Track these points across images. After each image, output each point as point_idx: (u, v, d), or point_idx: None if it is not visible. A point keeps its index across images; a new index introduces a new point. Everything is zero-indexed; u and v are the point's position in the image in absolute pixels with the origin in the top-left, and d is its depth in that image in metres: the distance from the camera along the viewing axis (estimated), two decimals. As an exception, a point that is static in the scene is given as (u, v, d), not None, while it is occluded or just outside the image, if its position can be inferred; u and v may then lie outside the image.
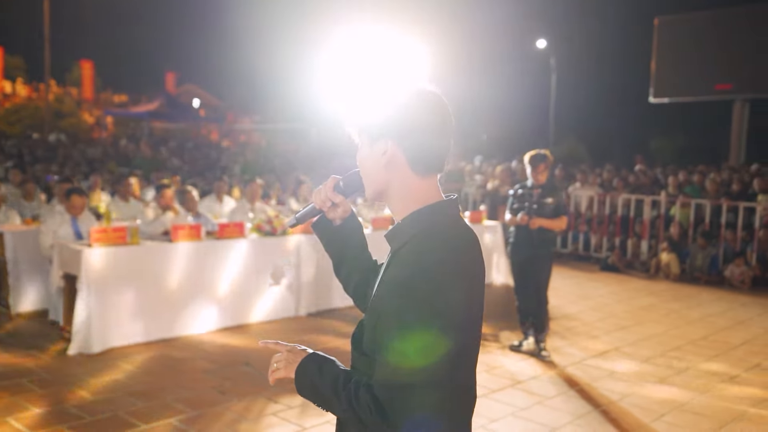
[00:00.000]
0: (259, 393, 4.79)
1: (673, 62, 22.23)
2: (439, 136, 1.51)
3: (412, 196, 1.53)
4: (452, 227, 1.52)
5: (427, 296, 1.38)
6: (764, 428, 4.42)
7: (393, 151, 1.51)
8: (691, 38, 21.84)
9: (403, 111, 1.49)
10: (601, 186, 12.47)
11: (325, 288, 7.29)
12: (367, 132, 1.55)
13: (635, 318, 7.43)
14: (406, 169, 1.52)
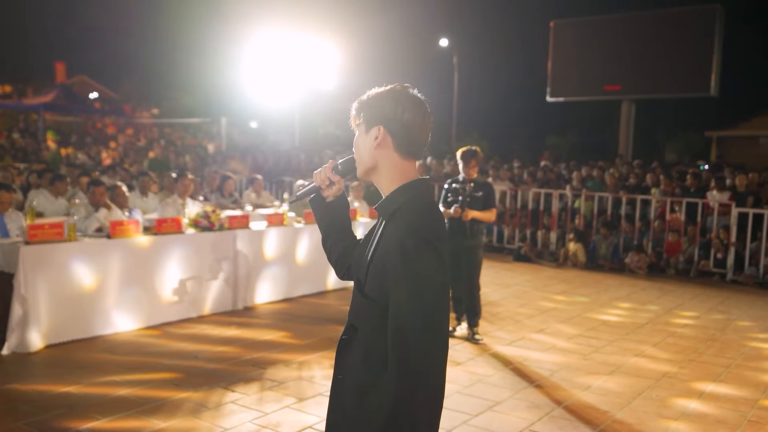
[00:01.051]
0: (215, 383, 4.90)
1: (568, 64, 23.26)
2: (419, 130, 1.87)
3: (397, 174, 1.87)
4: (428, 199, 1.88)
5: (428, 238, 1.73)
6: (672, 391, 4.98)
7: (383, 136, 1.85)
8: (584, 41, 22.94)
9: (395, 106, 1.85)
10: (511, 181, 13.17)
11: (261, 281, 7.41)
12: (366, 120, 1.89)
13: (552, 303, 8.01)
14: (392, 151, 1.86)
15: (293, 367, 5.35)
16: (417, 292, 1.69)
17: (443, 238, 1.81)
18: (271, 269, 7.54)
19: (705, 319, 7.46)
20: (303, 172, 14.80)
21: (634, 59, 22.01)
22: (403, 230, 1.74)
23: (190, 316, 6.70)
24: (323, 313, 7.20)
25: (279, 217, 7.72)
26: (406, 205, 1.81)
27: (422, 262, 1.70)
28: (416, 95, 1.89)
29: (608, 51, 22.36)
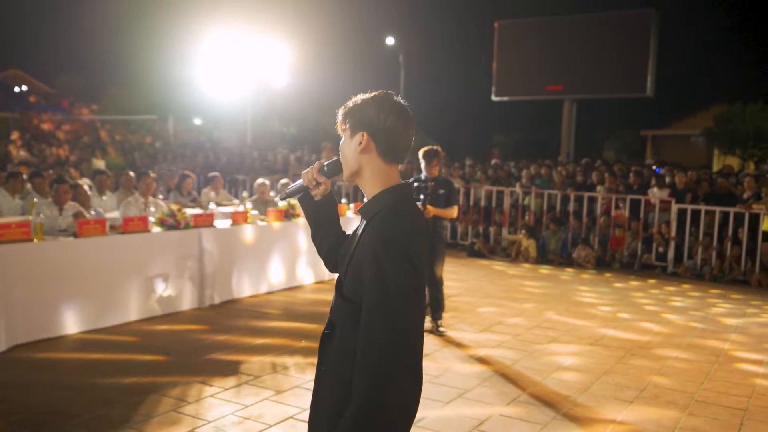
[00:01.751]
0: (192, 378, 5.00)
1: (512, 63, 23.72)
2: (401, 136, 1.97)
3: (379, 178, 1.97)
4: (409, 204, 1.98)
5: (401, 247, 1.81)
6: (626, 377, 5.33)
7: (367, 141, 1.95)
8: (528, 42, 23.43)
9: (378, 113, 1.95)
10: (463, 178, 13.52)
11: (227, 279, 7.49)
12: (351, 126, 2.00)
13: (508, 296, 8.36)
14: (376, 156, 1.96)
15: (267, 361, 5.49)
16: (386, 300, 1.76)
17: (418, 245, 1.87)
18: (237, 266, 7.63)
19: (649, 311, 7.91)
20: (257, 171, 14.83)
21: (576, 60, 22.61)
22: (378, 238, 1.83)
23: (157, 314, 6.74)
24: (291, 309, 7.34)
25: (243, 215, 7.81)
26: (385, 210, 1.91)
27: (394, 270, 1.78)
28: (399, 102, 1.99)
29: (551, 52, 22.89)
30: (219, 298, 7.38)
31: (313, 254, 8.73)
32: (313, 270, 8.74)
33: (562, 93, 24.19)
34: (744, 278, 9.77)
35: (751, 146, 31.45)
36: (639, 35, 22.19)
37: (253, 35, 20.03)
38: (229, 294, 7.53)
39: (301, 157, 15.93)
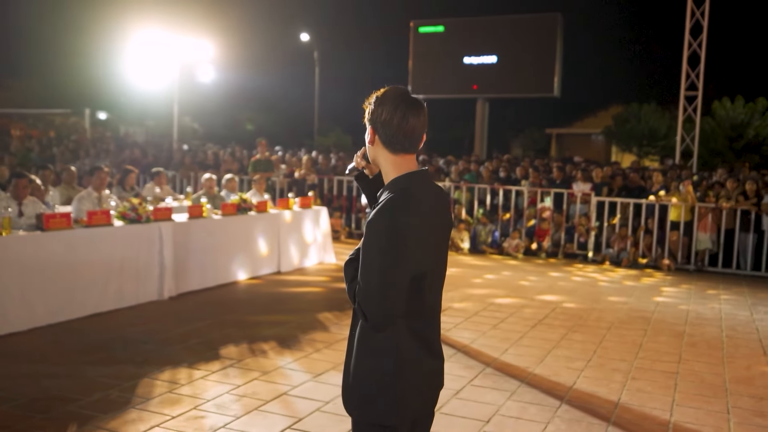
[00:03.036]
0: (176, 363, 5.22)
1: (428, 62, 24.26)
2: (397, 128, 2.12)
3: (390, 167, 2.18)
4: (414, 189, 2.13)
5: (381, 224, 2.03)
6: (572, 350, 5.96)
7: (372, 135, 2.18)
8: (442, 41, 24.07)
9: (378, 108, 2.14)
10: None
11: (186, 272, 7.64)
12: (366, 121, 2.21)
13: (452, 284, 8.91)
14: (382, 147, 2.18)
15: (243, 346, 5.76)
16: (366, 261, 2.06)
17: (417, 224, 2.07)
18: (196, 259, 7.79)
19: (581, 294, 8.68)
20: (188, 167, 14.77)
21: (488, 60, 23.48)
22: (375, 213, 2.07)
23: (122, 305, 6.84)
24: (253, 299, 7.59)
25: (198, 209, 7.97)
26: (389, 195, 2.11)
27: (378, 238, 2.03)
28: (398, 95, 2.14)
29: (464, 51, 23.57)
30: (180, 289, 7.53)
31: (270, 246, 9.00)
32: (269, 261, 8.99)
33: (476, 92, 24.92)
34: (655, 264, 10.79)
35: (645, 144, 33.81)
36: (546, 38, 23.17)
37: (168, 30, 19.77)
38: (189, 286, 7.69)
39: (234, 152, 15.97)
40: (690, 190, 10.68)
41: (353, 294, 2.15)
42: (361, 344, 2.19)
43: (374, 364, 2.15)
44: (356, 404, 2.20)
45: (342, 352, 5.73)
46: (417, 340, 2.17)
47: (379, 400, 2.15)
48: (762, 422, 4.48)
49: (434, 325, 2.28)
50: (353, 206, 13.40)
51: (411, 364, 2.15)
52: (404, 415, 2.16)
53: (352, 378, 2.21)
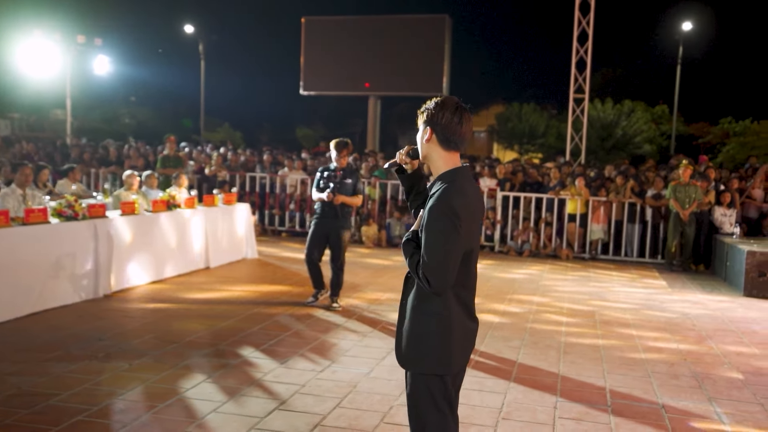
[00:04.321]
0: (140, 357, 5.30)
1: (320, 59, 24.34)
2: (454, 130, 2.59)
3: (442, 162, 2.62)
4: (461, 181, 2.59)
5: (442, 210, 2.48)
6: (511, 331, 6.56)
7: (430, 134, 2.62)
8: (335, 39, 24.16)
9: (438, 113, 2.60)
10: (304, 170, 14.26)
11: (121, 269, 7.59)
12: (422, 122, 2.66)
13: (378, 275, 9.37)
14: (437, 145, 2.63)
15: (199, 339, 5.91)
16: (430, 234, 2.50)
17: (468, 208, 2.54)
18: (131, 256, 7.75)
19: (488, 276, 9.39)
20: (89, 163, 14.28)
21: (380, 59, 23.84)
22: (434, 200, 2.53)
23: (59, 304, 6.74)
24: (188, 294, 7.66)
25: (131, 206, 7.92)
26: (442, 186, 2.56)
27: (435, 217, 2.50)
28: (455, 104, 2.60)
29: (357, 49, 23.73)
30: (116, 286, 7.48)
31: (199, 242, 9.05)
32: (198, 258, 9.03)
33: (368, 90, 25.34)
34: (555, 253, 11.76)
35: (526, 142, 35.91)
36: (435, 39, 23.93)
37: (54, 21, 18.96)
38: (124, 283, 7.65)
39: (138, 148, 15.57)
40: (583, 185, 11.72)
41: (415, 266, 2.59)
42: (416, 309, 2.66)
43: (428, 324, 2.63)
44: (415, 359, 2.66)
45: (296, 341, 6.03)
46: (461, 305, 2.66)
47: (434, 354, 2.62)
48: (678, 383, 5.25)
49: (473, 294, 2.77)
50: (266, 203, 13.52)
51: (457, 325, 2.64)
52: (452, 366, 2.65)
53: (408, 338, 2.67)
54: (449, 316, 2.61)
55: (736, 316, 7.82)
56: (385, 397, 4.69)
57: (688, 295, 8.98)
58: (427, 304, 2.62)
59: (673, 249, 10.85)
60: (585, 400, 4.78)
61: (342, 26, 24.66)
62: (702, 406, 4.77)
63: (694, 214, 10.69)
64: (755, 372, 5.66)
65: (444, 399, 2.67)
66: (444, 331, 2.61)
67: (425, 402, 2.67)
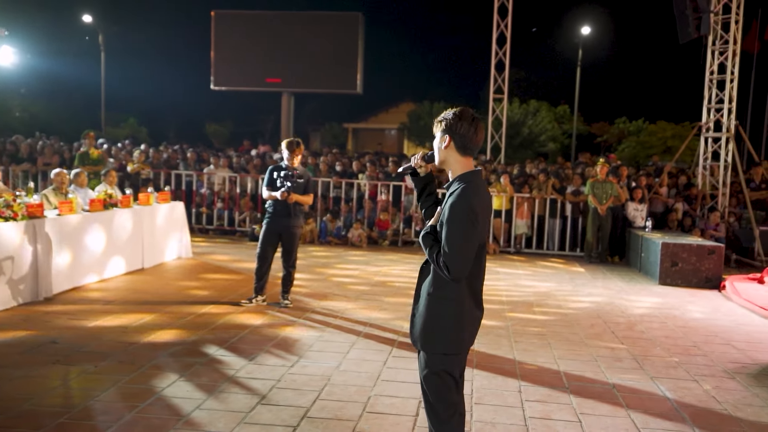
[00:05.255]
0: (105, 359, 5.20)
1: (231, 54, 23.90)
2: (470, 138, 2.89)
3: (459, 166, 2.92)
4: (476, 183, 2.87)
5: (463, 208, 2.76)
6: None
7: (448, 141, 2.92)
8: (246, 33, 23.70)
9: (456, 122, 2.90)
10: (231, 168, 14.12)
11: (60, 270, 7.34)
12: (441, 130, 3.00)
13: (314, 269, 9.47)
14: (454, 151, 2.93)
15: (159, 339, 5.86)
16: (451, 228, 2.76)
17: (483, 207, 2.85)
18: (71, 256, 7.50)
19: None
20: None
21: (293, 55, 23.62)
22: (454, 198, 2.80)
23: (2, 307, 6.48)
24: (135, 294, 7.51)
25: (69, 206, 7.67)
26: (460, 186, 2.84)
27: (456, 213, 2.76)
28: (472, 114, 2.90)
29: (269, 45, 23.38)
30: (55, 289, 7.24)
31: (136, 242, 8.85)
32: (135, 257, 8.82)
33: (280, 86, 25.09)
34: (482, 248, 12.24)
35: (437, 140, 36.72)
36: (349, 36, 23.98)
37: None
38: (64, 285, 7.41)
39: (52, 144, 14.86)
40: (508, 182, 12.27)
41: (435, 256, 2.85)
42: (432, 295, 2.94)
43: (443, 309, 2.91)
44: (430, 340, 2.94)
45: (257, 338, 6.09)
46: (472, 294, 2.95)
47: (447, 336, 2.91)
48: (622, 365, 5.72)
49: (482, 284, 3.03)
50: (192, 200, 13.29)
51: (467, 311, 2.93)
52: (463, 346, 2.96)
53: (425, 321, 2.94)
54: (462, 302, 2.89)
55: (656, 302, 8.50)
56: (361, 388, 4.86)
57: (610, 284, 9.64)
58: (443, 290, 2.90)
59: (592, 242, 11.57)
60: (545, 384, 5.14)
61: (254, 21, 24.25)
62: (647, 385, 5.23)
63: (610, 209, 11.44)
64: (684, 353, 6.23)
65: (454, 377, 2.96)
66: (457, 315, 2.89)
67: (439, 379, 2.95)
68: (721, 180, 12.73)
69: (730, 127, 12.76)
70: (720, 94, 12.89)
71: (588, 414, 4.55)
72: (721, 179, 12.74)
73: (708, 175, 13.06)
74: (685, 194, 12.70)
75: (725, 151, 12.78)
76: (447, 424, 3.01)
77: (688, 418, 4.54)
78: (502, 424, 4.31)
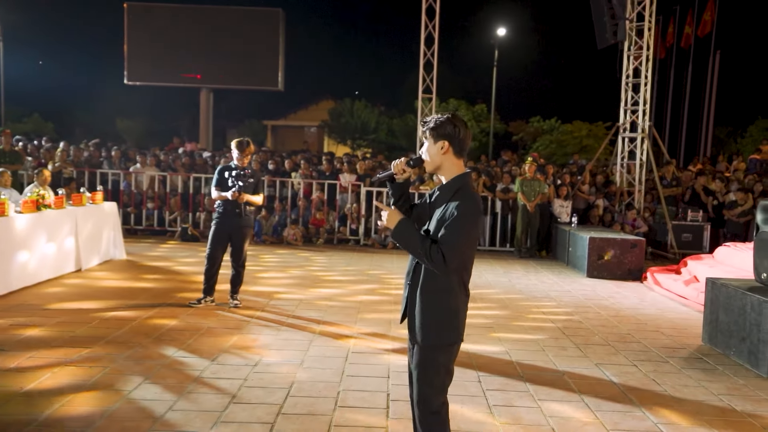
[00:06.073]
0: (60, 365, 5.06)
1: (146, 48, 23.22)
2: (465, 141, 3.06)
3: (454, 169, 3.05)
4: (471, 183, 3.04)
5: (474, 210, 2.93)
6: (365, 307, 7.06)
7: (447, 147, 3.06)
8: (162, 27, 23.13)
9: (453, 128, 3.03)
10: (158, 167, 13.79)
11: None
12: (434, 136, 3.13)
13: (259, 270, 9.45)
14: (451, 155, 3.05)
15: (112, 343, 5.75)
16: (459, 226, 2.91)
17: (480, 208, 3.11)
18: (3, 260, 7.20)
19: (360, 271, 9.89)
20: None
21: (212, 50, 23.19)
22: (462, 201, 2.95)
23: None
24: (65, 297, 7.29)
25: (1, 207, 7.35)
26: (461, 190, 3.00)
27: (467, 215, 2.92)
28: (462, 120, 3.05)
29: (186, 39, 22.96)
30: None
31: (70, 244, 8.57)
32: (70, 260, 8.53)
33: (199, 82, 24.64)
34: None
35: (358, 137, 36.94)
36: (269, 32, 23.78)
37: None
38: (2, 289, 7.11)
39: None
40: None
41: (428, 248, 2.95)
42: (429, 290, 3.07)
43: (440, 301, 3.06)
44: (431, 333, 3.05)
45: (214, 339, 6.08)
46: (462, 286, 3.11)
47: (447, 326, 3.05)
48: (567, 353, 6.06)
49: (470, 275, 3.18)
50: (120, 200, 12.91)
51: (461, 301, 3.10)
52: (461, 335, 3.10)
53: (423, 316, 3.07)
54: (457, 293, 3.05)
55: (587, 293, 9.00)
56: (329, 384, 4.96)
57: (543, 278, 10.11)
58: (438, 284, 3.04)
59: (522, 237, 12.05)
60: (501, 373, 5.40)
61: (170, 14, 23.63)
62: (593, 371, 5.58)
63: (538, 205, 11.95)
64: (621, 340, 6.66)
65: (451, 365, 3.12)
66: (454, 305, 3.05)
67: (437, 369, 3.07)
68: (638, 178, 13.52)
69: (644, 128, 13.57)
70: (635, 96, 13.68)
71: (545, 400, 4.83)
72: (637, 177, 13.53)
73: (625, 173, 13.84)
74: (606, 191, 13.41)
75: (641, 150, 13.58)
76: (437, 414, 3.14)
77: (636, 400, 4.90)
78: (471, 413, 4.52)
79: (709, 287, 6.65)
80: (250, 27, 23.72)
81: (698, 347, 6.53)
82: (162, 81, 24.60)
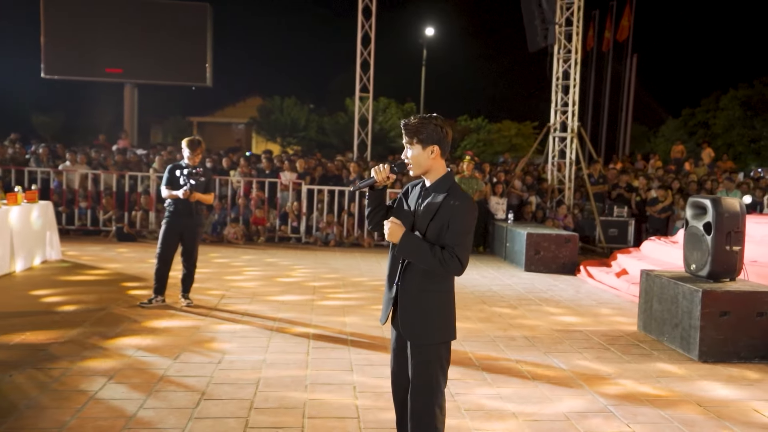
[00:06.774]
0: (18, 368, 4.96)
1: (66, 40, 22.31)
2: (449, 141, 3.18)
3: (441, 169, 3.17)
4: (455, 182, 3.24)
5: (472, 209, 3.09)
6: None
7: (437, 151, 3.17)
8: (82, 19, 22.18)
9: (441, 132, 3.14)
10: (89, 164, 13.40)
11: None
12: (422, 141, 3.22)
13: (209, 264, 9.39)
14: (439, 158, 3.16)
15: (66, 345, 5.65)
16: (464, 225, 3.06)
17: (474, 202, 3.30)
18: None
19: (314, 270, 9.99)
20: None
21: (137, 44, 22.49)
22: (459, 200, 3.08)
23: None
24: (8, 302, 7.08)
25: (-64, 207, 7.05)
26: (452, 189, 3.13)
27: (468, 212, 3.07)
28: (444, 121, 3.15)
29: (110, 32, 22.17)
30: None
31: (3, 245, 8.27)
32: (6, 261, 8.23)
33: (122, 76, 23.89)
34: (357, 242, 12.67)
35: (287, 135, 36.73)
36: (197, 27, 23.29)
37: None
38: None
39: None
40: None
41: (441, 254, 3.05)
42: (425, 291, 3.17)
43: (436, 301, 3.18)
44: (430, 332, 3.15)
45: (172, 338, 6.06)
46: (454, 283, 3.28)
47: (445, 325, 3.20)
48: (517, 344, 6.36)
49: None
50: (63, 201, 12.47)
51: (453, 300, 3.27)
52: (456, 331, 3.27)
53: (421, 316, 3.17)
54: (451, 292, 3.22)
55: (527, 286, 9.40)
56: (295, 378, 5.06)
57: (484, 272, 10.47)
58: (435, 284, 3.16)
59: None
60: (459, 363, 5.63)
61: (91, 5, 22.72)
62: (544, 359, 5.90)
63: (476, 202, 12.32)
64: (564, 329, 7.03)
65: (448, 361, 3.24)
66: (449, 305, 3.21)
67: (436, 366, 3.18)
68: (567, 175, 14.14)
69: (573, 128, 14.19)
70: (565, 97, 14.28)
71: (504, 387, 5.09)
72: (567, 175, 14.15)
73: (556, 171, 14.44)
74: (538, 188, 13.95)
75: (570, 149, 14.20)
76: (443, 408, 3.22)
77: (586, 385, 5.23)
78: (436, 401, 4.72)
79: (644, 278, 7.11)
80: (177, 21, 23.15)
81: (634, 334, 6.97)
82: (83, 75, 23.61)
